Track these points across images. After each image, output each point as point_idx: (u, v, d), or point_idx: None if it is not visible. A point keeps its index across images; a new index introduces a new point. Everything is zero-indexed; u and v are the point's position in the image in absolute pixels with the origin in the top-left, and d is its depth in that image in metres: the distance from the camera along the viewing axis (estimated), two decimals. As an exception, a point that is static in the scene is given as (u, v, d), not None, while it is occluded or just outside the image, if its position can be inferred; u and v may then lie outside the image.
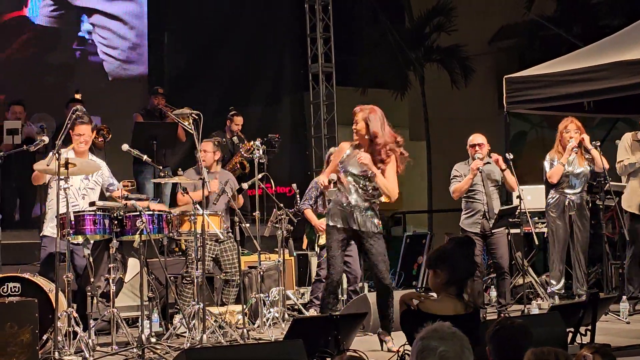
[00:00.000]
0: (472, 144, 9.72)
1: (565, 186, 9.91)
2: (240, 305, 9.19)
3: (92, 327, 7.83)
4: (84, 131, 8.45)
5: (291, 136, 15.68)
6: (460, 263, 5.21)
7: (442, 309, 5.22)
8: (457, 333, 3.53)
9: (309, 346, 5.96)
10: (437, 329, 3.53)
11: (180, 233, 8.89)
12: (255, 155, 9.50)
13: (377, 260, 7.81)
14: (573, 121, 9.88)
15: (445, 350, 3.44)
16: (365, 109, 8.06)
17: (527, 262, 11.02)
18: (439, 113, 19.54)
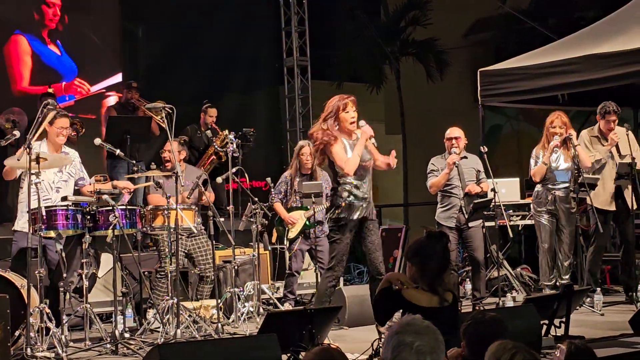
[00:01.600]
0: (449, 137, 9.70)
1: (551, 181, 9.91)
2: (215, 299, 9.16)
3: (65, 323, 7.78)
4: (65, 124, 8.39)
5: (266, 130, 15.63)
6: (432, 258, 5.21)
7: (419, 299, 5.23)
8: (431, 326, 3.52)
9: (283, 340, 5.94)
10: (411, 323, 3.52)
11: (154, 227, 8.84)
12: (230, 149, 9.45)
13: (380, 247, 7.88)
14: (559, 116, 9.85)
15: (422, 344, 3.44)
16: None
17: (502, 255, 11.04)
18: (414, 107, 19.53)
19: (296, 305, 10.09)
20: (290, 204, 10.16)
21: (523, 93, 11.41)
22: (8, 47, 13.36)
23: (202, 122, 12.40)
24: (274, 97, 16.39)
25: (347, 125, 7.81)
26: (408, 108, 19.51)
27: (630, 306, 9.46)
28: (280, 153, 15.64)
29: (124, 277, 8.80)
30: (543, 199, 9.93)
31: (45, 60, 13.65)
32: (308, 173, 10.17)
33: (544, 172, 9.89)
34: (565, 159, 9.85)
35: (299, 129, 15.07)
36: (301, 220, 10.07)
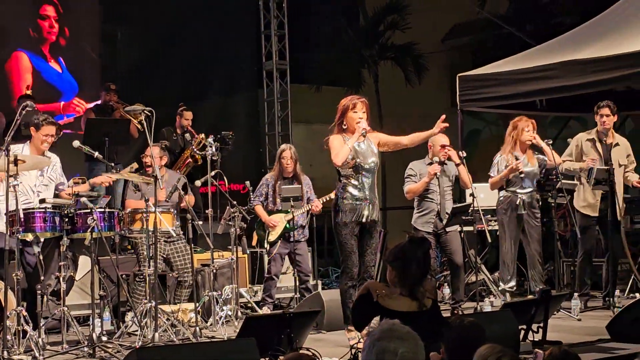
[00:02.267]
0: (442, 144, 9.71)
1: (515, 186, 9.95)
2: (193, 303, 9.14)
3: (42, 326, 7.74)
4: (51, 132, 8.38)
5: (245, 133, 15.61)
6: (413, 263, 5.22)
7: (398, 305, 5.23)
8: (411, 332, 3.53)
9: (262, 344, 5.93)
10: (392, 329, 3.52)
11: (132, 231, 8.81)
12: (208, 152, 9.44)
13: (376, 251, 7.92)
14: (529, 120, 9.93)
15: (405, 351, 3.44)
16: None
17: (480, 260, 11.07)
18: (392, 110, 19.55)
19: (274, 309, 10.09)
20: (272, 207, 10.16)
21: (501, 98, 11.46)
22: (9, 63, 13.31)
23: (178, 125, 12.37)
24: (253, 100, 16.36)
25: (353, 125, 7.82)
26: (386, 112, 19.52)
27: (608, 311, 9.49)
28: (258, 156, 15.61)
29: (102, 280, 8.77)
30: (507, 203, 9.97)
31: (45, 77, 13.63)
32: (290, 177, 10.17)
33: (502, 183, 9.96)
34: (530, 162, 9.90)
35: (278, 132, 15.06)
36: (282, 224, 10.07)
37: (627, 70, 10.13)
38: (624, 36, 10.63)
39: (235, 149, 12.62)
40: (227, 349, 5.87)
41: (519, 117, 10.10)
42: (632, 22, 10.94)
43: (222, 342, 7.33)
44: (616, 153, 10.12)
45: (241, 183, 12.61)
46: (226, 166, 10.43)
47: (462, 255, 9.93)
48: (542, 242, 9.99)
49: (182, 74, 15.05)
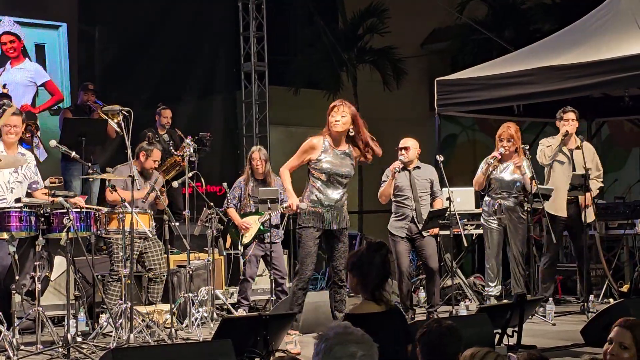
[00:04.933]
0: (400, 147, 9.82)
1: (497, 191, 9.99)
2: (169, 304, 9.11)
3: (16, 326, 7.69)
4: (15, 122, 8.29)
5: (223, 135, 15.59)
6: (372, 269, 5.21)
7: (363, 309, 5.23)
8: (366, 335, 3.50)
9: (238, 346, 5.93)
10: (347, 332, 3.48)
11: (109, 231, 8.78)
12: (186, 153, 9.42)
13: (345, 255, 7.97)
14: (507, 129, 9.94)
15: (364, 354, 3.41)
16: (351, 106, 8.25)
17: (456, 264, 11.10)
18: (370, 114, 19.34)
19: (250, 311, 10.08)
20: (244, 209, 10.17)
21: (479, 103, 11.50)
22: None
23: (158, 125, 12.34)
24: (231, 102, 16.34)
25: (332, 128, 8.01)
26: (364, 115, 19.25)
27: (582, 316, 9.56)
28: (236, 158, 15.59)
29: (77, 281, 8.73)
30: (490, 208, 10.02)
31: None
32: (261, 178, 10.18)
33: (482, 182, 10.01)
34: (514, 170, 9.94)
35: (256, 134, 15.06)
36: (255, 225, 10.06)
37: (604, 77, 10.20)
38: (602, 43, 10.69)
39: (213, 150, 12.61)
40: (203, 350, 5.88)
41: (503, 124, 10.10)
42: (609, 29, 11.00)
43: (198, 344, 7.33)
44: (579, 157, 10.16)
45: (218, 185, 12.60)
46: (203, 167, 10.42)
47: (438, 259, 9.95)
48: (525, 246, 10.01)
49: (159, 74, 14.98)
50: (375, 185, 10.44)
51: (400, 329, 5.13)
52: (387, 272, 5.26)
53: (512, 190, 9.93)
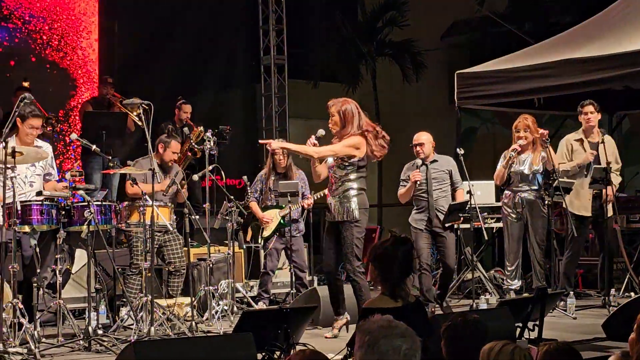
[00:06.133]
0: (415, 143, 9.80)
1: (517, 184, 9.96)
2: (189, 297, 9.13)
3: (37, 319, 7.72)
4: (37, 124, 8.33)
5: (242, 128, 15.60)
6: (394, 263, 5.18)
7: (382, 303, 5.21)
8: (409, 329, 3.50)
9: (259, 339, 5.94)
10: (392, 326, 3.48)
11: (129, 224, 8.80)
12: (206, 146, 9.42)
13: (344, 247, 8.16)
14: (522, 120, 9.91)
15: (408, 347, 3.41)
16: (337, 102, 8.28)
17: (476, 257, 11.07)
18: (390, 107, 19.54)
19: (270, 305, 10.08)
20: (265, 202, 10.18)
21: (499, 96, 11.46)
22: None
23: (177, 119, 12.35)
24: (250, 95, 16.36)
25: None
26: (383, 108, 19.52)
27: (603, 310, 9.51)
28: (255, 152, 15.60)
29: (98, 273, 8.76)
30: (510, 201, 9.99)
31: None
32: (282, 172, 10.18)
33: (503, 176, 9.97)
34: (534, 162, 9.89)
35: (275, 127, 15.04)
36: (276, 219, 10.07)
37: (625, 70, 10.13)
38: (623, 35, 10.63)
39: (232, 143, 12.61)
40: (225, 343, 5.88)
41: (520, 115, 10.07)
42: (630, 21, 10.94)
43: (219, 337, 7.33)
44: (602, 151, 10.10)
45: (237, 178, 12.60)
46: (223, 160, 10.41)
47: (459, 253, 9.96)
48: (546, 240, 9.98)
49: (179, 67, 15.02)
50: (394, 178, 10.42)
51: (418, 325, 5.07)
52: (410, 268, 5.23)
53: (532, 183, 9.90)
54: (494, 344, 3.92)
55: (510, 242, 10.03)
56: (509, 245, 10.06)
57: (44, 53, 13.94)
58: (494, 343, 3.93)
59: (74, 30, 14.32)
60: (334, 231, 8.24)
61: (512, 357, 3.83)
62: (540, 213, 9.87)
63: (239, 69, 16.26)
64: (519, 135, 9.85)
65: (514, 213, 9.96)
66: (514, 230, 9.98)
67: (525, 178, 9.91)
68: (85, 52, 14.43)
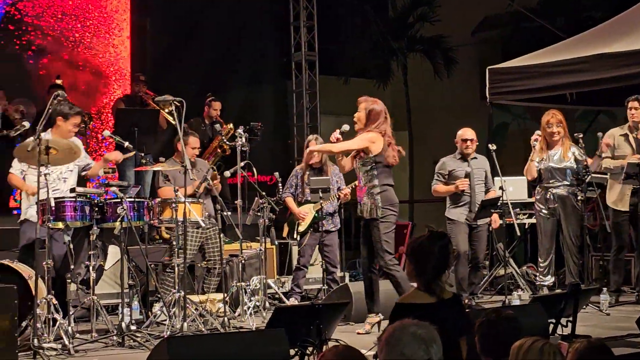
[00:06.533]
0: (464, 138, 9.77)
1: (548, 180, 9.92)
2: (221, 293, 9.16)
3: (71, 314, 7.78)
4: (78, 121, 8.45)
5: (273, 124, 15.62)
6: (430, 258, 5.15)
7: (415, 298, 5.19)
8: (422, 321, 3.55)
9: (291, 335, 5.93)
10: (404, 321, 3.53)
11: (162, 220, 8.84)
12: (238, 142, 9.45)
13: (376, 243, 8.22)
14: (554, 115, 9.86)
15: (425, 332, 3.49)
16: (368, 99, 8.35)
17: (508, 253, 11.03)
18: (421, 103, 19.52)
19: (302, 301, 10.10)
20: (301, 197, 10.20)
21: (531, 91, 11.42)
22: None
23: (206, 115, 12.40)
24: (281, 91, 16.36)
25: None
26: (415, 104, 19.49)
27: (637, 306, 9.46)
28: (286, 148, 15.62)
29: (131, 270, 8.80)
30: (542, 198, 9.95)
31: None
32: (318, 167, 10.19)
33: (533, 171, 9.93)
34: (564, 157, 9.85)
35: (306, 124, 15.04)
36: (310, 214, 10.09)
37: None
38: (656, 30, 10.57)
39: (263, 140, 12.63)
40: (257, 339, 5.89)
41: (547, 111, 10.03)
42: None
43: (252, 332, 7.35)
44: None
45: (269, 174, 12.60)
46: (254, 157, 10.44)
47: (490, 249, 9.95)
48: (580, 235, 9.93)
49: (210, 64, 15.05)
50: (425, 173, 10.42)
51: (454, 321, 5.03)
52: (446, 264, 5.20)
53: (563, 177, 9.85)
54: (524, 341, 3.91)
55: (543, 238, 10.00)
56: (541, 241, 10.02)
57: (76, 51, 14.02)
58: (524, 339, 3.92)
59: (105, 28, 14.41)
60: (365, 228, 8.27)
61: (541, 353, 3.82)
62: (573, 208, 9.82)
63: (270, 66, 16.27)
64: (552, 130, 9.81)
65: (546, 209, 9.93)
66: (547, 227, 9.95)
67: (555, 174, 9.87)
68: (117, 49, 14.51)
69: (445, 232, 5.38)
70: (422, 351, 3.48)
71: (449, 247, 5.18)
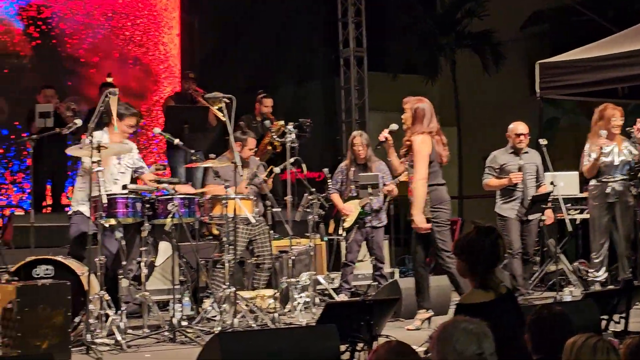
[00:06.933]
0: (517, 132, 9.70)
1: (607, 175, 9.82)
2: (271, 289, 9.18)
3: (123, 310, 7.84)
4: (134, 122, 8.53)
5: (322, 121, 15.63)
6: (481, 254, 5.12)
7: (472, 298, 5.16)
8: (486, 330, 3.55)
9: (341, 331, 5.94)
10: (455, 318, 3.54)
11: (212, 217, 8.88)
12: (288, 139, 9.47)
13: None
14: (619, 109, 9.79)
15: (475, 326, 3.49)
16: (413, 100, 8.34)
17: (560, 249, 10.94)
18: (469, 99, 19.42)
19: (351, 297, 10.10)
20: (347, 194, 10.20)
21: (583, 86, 11.31)
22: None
23: (257, 112, 12.43)
24: (329, 88, 16.37)
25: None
26: (463, 100, 19.40)
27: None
28: (335, 144, 15.63)
29: (182, 266, 8.86)
30: (598, 192, 9.86)
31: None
32: (362, 163, 10.19)
33: (595, 170, 9.83)
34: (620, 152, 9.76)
35: (355, 120, 15.04)
36: (356, 210, 10.08)
37: None
38: None
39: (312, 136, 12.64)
40: (309, 334, 5.90)
41: (604, 105, 9.94)
42: None
43: (303, 328, 7.38)
44: None
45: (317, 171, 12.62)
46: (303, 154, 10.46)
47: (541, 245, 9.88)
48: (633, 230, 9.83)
49: (258, 61, 15.11)
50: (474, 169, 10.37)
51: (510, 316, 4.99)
52: (497, 258, 5.16)
53: (621, 172, 9.76)
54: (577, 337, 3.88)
55: (596, 233, 9.90)
56: (594, 236, 9.93)
57: (126, 49, 14.16)
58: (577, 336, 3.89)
59: (155, 26, 14.53)
60: None
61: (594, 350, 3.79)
62: (628, 204, 9.73)
63: (318, 62, 16.30)
64: (617, 123, 9.74)
65: (602, 204, 9.83)
66: (602, 222, 9.85)
67: (615, 168, 9.78)
68: (167, 47, 14.63)
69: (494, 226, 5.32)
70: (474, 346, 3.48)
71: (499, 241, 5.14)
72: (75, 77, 13.30)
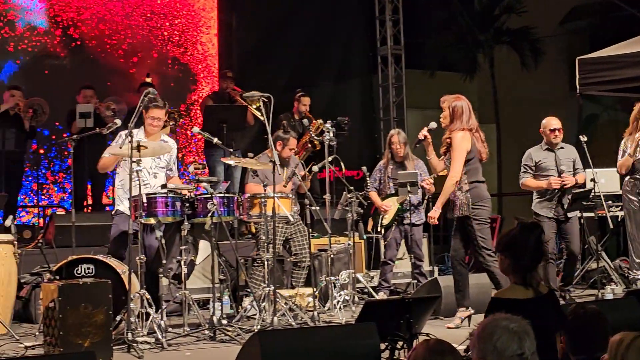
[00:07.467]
0: (551, 128, 9.60)
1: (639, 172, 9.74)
2: (310, 287, 9.19)
3: (164, 309, 7.89)
4: (158, 115, 8.50)
5: (360, 119, 15.60)
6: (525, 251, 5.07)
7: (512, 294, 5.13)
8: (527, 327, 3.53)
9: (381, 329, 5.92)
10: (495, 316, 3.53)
11: (251, 216, 8.90)
12: (326, 137, 9.47)
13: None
14: None
15: (516, 325, 3.48)
16: (450, 98, 8.33)
17: (601, 246, 10.86)
18: (508, 95, 19.33)
19: (391, 295, 10.08)
20: (385, 191, 10.19)
21: (623, 81, 11.21)
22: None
23: (296, 111, 12.45)
24: (367, 85, 16.34)
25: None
26: (502, 97, 19.32)
27: None
28: (373, 142, 15.61)
29: (221, 264, 8.89)
30: (633, 189, 9.76)
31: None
32: (400, 161, 10.17)
33: (630, 165, 9.73)
34: None
35: (393, 118, 15.01)
36: (394, 206, 10.05)
37: None
38: None
39: (350, 134, 12.63)
40: (349, 332, 5.89)
41: None
42: None
43: (343, 326, 7.38)
44: None
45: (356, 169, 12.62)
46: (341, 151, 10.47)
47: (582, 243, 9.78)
48: None
49: (296, 59, 15.10)
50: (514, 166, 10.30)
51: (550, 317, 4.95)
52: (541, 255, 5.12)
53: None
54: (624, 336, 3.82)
55: (633, 230, 9.80)
56: (632, 233, 9.82)
57: (165, 49, 14.22)
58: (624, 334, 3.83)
59: (193, 26, 14.59)
60: (459, 223, 8.26)
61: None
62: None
63: (356, 60, 16.26)
64: None
65: (637, 201, 9.73)
66: (637, 218, 9.75)
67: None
68: (205, 47, 14.68)
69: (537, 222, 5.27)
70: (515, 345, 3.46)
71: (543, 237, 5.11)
72: (114, 77, 13.36)
